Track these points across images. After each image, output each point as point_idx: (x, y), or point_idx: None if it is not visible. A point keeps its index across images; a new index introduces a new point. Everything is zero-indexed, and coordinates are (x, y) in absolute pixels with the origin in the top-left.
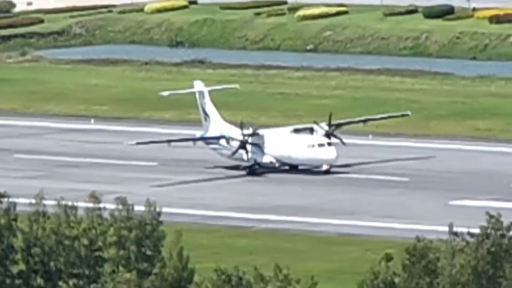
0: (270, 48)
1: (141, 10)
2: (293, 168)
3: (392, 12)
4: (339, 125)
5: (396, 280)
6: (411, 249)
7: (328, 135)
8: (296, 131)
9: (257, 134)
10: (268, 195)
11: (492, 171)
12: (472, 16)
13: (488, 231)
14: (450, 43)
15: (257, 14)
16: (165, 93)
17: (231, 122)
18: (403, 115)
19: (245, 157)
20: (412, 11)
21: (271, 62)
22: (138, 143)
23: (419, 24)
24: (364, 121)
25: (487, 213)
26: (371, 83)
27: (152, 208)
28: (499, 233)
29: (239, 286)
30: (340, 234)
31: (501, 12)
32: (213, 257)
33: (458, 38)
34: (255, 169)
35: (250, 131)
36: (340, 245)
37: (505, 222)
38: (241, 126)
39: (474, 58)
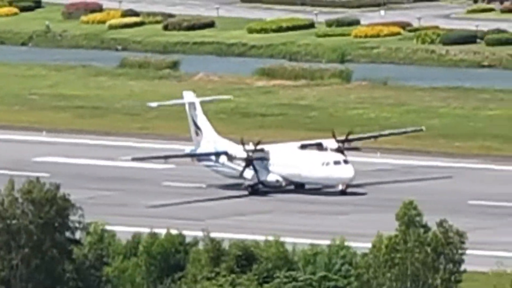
0: None
1: None
2: (299, 187)
3: None
4: (348, 141)
5: None
6: None
7: (340, 151)
8: (304, 147)
9: (262, 150)
10: None
11: None
12: None
13: None
14: None
15: None
16: (154, 104)
17: None
18: (416, 131)
19: (248, 175)
20: None
21: None
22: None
23: None
24: (376, 136)
25: None
26: None
27: None
28: None
29: None
30: None
31: None
32: None
33: None
34: (258, 189)
35: (251, 146)
36: None
37: None
38: (242, 142)
39: None
